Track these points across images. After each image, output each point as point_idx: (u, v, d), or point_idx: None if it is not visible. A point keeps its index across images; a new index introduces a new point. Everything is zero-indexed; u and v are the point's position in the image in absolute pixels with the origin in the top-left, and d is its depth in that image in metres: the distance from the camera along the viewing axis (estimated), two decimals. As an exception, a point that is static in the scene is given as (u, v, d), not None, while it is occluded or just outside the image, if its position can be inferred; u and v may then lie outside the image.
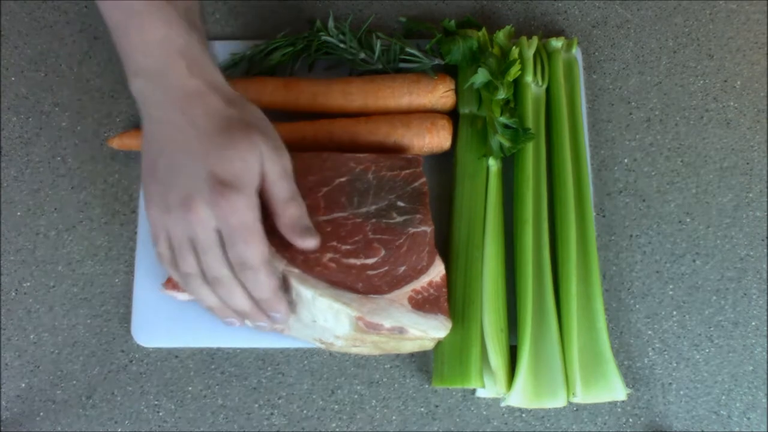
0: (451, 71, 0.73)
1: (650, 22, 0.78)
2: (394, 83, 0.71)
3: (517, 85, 0.72)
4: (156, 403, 0.67)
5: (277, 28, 0.77)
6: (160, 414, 0.66)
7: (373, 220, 0.63)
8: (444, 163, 0.72)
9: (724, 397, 0.67)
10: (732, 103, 0.75)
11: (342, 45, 0.73)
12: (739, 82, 0.76)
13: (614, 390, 0.62)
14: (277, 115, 0.73)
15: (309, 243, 0.58)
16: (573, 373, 0.62)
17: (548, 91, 0.73)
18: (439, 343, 0.63)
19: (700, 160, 0.73)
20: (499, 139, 0.67)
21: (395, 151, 0.70)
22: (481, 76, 0.68)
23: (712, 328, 0.68)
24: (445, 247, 0.68)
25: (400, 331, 0.58)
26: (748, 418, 0.66)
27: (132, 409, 0.67)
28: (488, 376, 0.63)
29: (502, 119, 0.67)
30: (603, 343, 0.63)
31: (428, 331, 0.59)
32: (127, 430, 0.66)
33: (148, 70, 0.52)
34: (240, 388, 0.67)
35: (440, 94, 0.71)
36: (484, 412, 0.66)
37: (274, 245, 0.60)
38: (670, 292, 0.69)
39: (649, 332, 0.68)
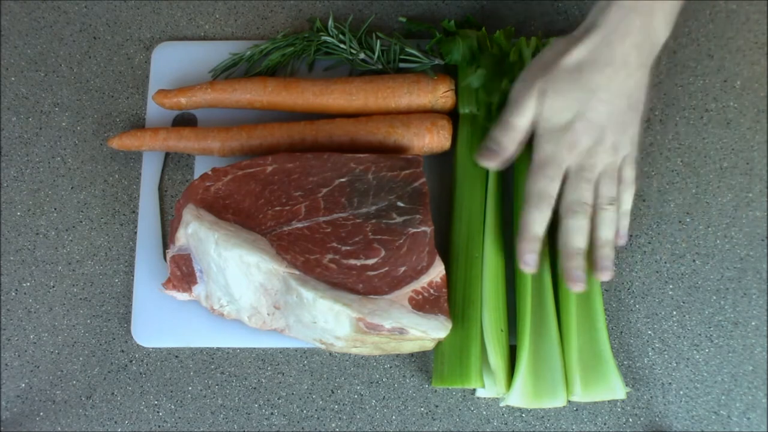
0: (451, 71, 0.73)
1: (650, 21, 0.78)
2: (394, 83, 0.71)
3: (517, 85, 0.71)
4: (156, 403, 0.67)
5: (277, 28, 0.78)
6: (160, 414, 0.67)
7: (373, 221, 0.63)
8: (444, 163, 0.72)
9: (724, 397, 0.67)
10: (732, 103, 0.75)
11: (342, 45, 0.73)
12: (739, 82, 0.76)
13: (614, 390, 0.62)
14: (277, 115, 0.73)
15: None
16: (573, 372, 0.62)
17: (548, 91, 0.72)
18: (439, 343, 0.63)
19: (700, 160, 0.73)
20: (499, 139, 0.67)
21: (395, 151, 0.69)
22: (479, 77, 0.68)
23: (712, 328, 0.68)
24: (445, 247, 0.68)
25: (401, 331, 0.58)
26: (748, 418, 0.66)
27: (132, 409, 0.67)
28: (488, 376, 0.63)
29: (502, 119, 0.67)
30: (603, 343, 0.63)
31: (428, 331, 0.59)
32: (127, 430, 0.66)
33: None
34: (240, 388, 0.67)
35: (440, 94, 0.71)
36: (484, 412, 0.66)
37: (275, 247, 0.60)
38: (670, 292, 0.69)
39: (649, 332, 0.68)
